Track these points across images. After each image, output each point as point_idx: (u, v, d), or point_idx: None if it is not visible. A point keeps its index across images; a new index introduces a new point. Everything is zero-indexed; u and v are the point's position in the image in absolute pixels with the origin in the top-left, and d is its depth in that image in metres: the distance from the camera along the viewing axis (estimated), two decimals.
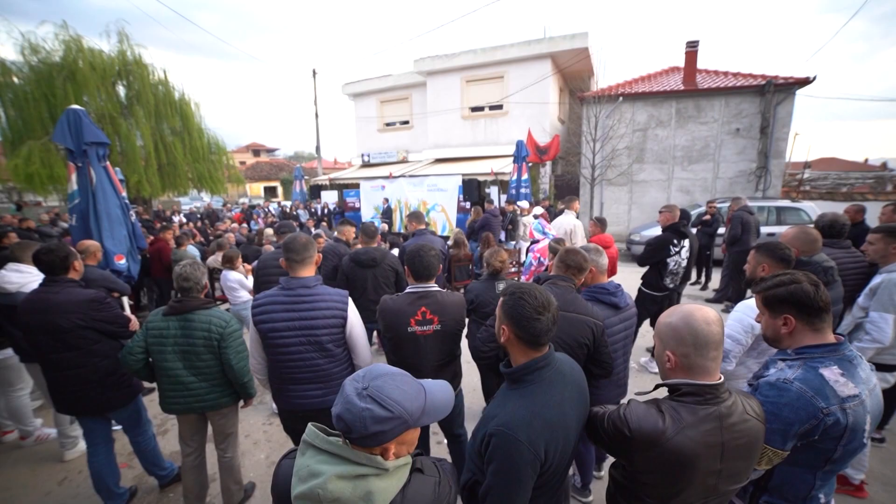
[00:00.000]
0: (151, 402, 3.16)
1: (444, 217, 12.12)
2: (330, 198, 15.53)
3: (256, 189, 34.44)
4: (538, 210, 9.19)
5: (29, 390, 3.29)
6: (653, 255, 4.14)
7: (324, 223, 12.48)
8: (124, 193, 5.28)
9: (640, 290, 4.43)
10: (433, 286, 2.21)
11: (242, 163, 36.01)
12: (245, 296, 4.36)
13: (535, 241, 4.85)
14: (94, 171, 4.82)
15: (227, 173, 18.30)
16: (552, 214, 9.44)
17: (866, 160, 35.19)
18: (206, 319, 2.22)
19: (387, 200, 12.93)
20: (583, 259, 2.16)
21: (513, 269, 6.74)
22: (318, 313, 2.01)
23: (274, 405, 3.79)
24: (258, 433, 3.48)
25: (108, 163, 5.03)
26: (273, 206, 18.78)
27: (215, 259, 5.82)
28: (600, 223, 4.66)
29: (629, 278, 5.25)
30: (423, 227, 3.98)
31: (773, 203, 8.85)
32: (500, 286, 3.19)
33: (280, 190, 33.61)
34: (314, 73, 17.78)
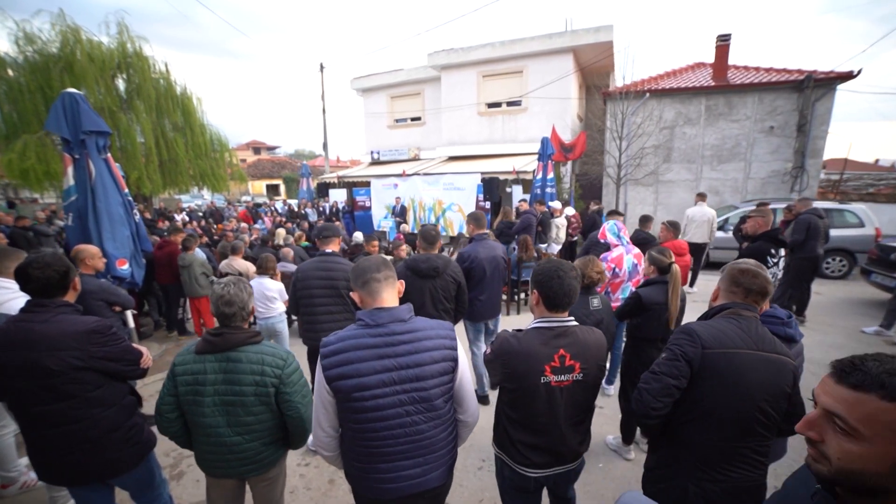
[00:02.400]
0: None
1: (461, 217, 11.53)
2: (338, 196, 14.93)
3: (259, 187, 33.79)
4: (570, 210, 8.64)
5: (13, 429, 2.70)
6: None
7: (338, 223, 11.88)
8: (127, 190, 4.68)
9: None
10: (571, 319, 1.62)
11: (243, 160, 35.27)
12: (282, 307, 3.78)
13: (596, 245, 4.26)
14: (94, 163, 4.22)
15: (229, 171, 17.73)
16: (583, 217, 8.88)
17: (877, 161, 34.71)
18: (258, 359, 1.65)
19: (399, 199, 12.33)
20: (765, 280, 1.59)
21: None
22: (425, 356, 1.42)
23: (311, 439, 3.14)
24: (293, 478, 2.88)
25: (108, 155, 4.43)
26: (279, 205, 18.16)
27: (228, 264, 5.22)
28: (672, 227, 4.09)
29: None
30: (483, 231, 3.40)
31: (818, 205, 8.26)
32: (595, 302, 2.63)
33: (283, 188, 32.97)
34: (321, 66, 17.17)
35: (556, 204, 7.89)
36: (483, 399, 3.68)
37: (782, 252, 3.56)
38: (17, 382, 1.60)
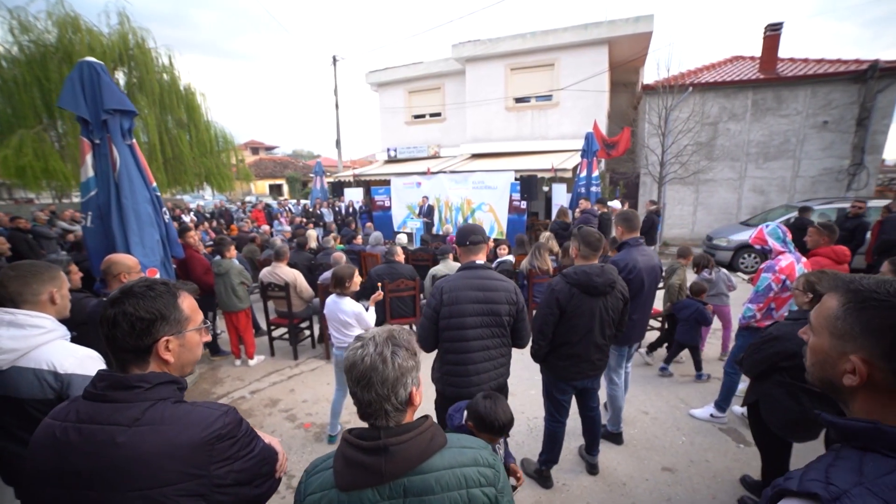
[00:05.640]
0: None
1: (493, 217, 10.78)
2: (353, 195, 14.15)
3: (261, 187, 32.85)
4: None
5: None
6: None
7: (369, 224, 11.08)
8: (155, 184, 3.89)
9: None
10: None
11: (241, 160, 34.44)
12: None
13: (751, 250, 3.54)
14: (118, 150, 3.40)
15: (234, 169, 16.93)
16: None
17: (883, 161, 34.54)
18: (456, 480, 0.92)
19: (426, 199, 11.57)
20: None
21: None
22: None
23: None
24: None
25: (133, 140, 3.64)
26: (291, 204, 17.36)
27: (272, 272, 4.45)
28: (828, 230, 3.36)
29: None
30: (636, 234, 2.65)
31: (875, 203, 7.40)
32: None
33: (286, 188, 32.07)
34: (334, 59, 16.39)
35: (616, 203, 7.21)
36: (616, 437, 3.00)
37: None
38: None
